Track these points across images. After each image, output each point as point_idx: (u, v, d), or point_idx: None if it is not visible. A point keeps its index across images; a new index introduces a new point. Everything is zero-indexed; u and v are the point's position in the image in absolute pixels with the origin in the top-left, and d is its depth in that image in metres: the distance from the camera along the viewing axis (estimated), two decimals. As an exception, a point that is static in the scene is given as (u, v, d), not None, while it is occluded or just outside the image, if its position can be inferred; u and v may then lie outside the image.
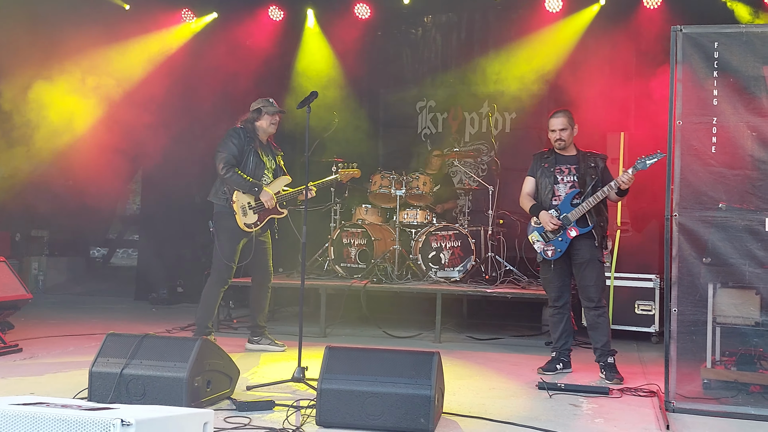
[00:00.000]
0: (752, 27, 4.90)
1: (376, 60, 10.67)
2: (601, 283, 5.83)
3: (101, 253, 13.82)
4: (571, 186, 5.80)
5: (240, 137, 6.37)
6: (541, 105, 9.92)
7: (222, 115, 9.63)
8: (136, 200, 14.03)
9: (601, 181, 5.75)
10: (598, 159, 5.89)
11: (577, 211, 5.67)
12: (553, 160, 5.91)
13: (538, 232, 5.85)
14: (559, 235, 5.75)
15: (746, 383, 4.86)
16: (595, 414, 4.71)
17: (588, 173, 5.78)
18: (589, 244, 5.74)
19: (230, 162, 6.28)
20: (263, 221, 6.46)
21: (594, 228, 5.70)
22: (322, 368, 4.22)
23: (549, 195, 5.85)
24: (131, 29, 9.13)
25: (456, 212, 9.18)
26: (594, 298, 5.75)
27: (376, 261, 8.04)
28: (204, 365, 4.46)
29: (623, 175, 5.52)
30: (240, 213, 6.33)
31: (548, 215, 5.74)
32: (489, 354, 6.83)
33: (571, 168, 5.84)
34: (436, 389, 4.11)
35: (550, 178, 5.86)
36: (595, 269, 5.76)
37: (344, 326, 7.86)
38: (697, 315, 4.83)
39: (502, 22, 9.99)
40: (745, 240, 4.68)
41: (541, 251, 5.85)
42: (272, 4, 9.79)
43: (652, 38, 8.32)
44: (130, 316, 8.70)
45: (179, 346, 4.48)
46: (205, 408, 4.28)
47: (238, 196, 6.34)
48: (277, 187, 6.55)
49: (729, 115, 4.76)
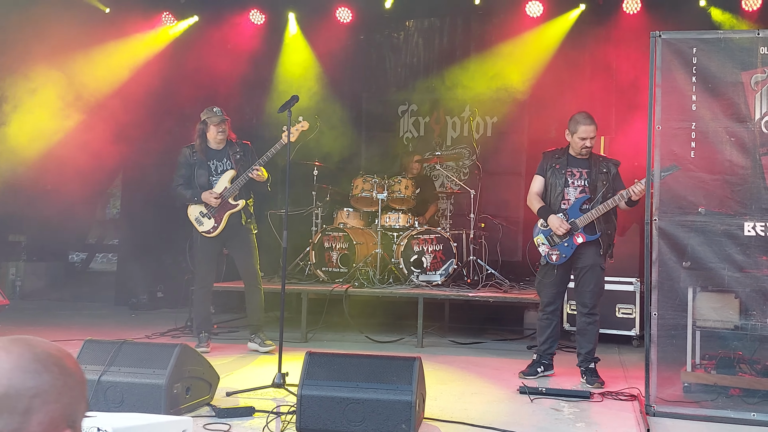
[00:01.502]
0: (730, 33, 4.94)
1: (358, 64, 10.66)
2: (599, 290, 5.75)
3: (80, 257, 13.68)
4: (581, 191, 5.70)
5: (185, 155, 6.74)
6: (522, 109, 9.96)
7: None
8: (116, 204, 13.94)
9: (612, 187, 5.65)
10: (611, 164, 5.79)
11: (585, 218, 5.60)
12: (564, 161, 5.78)
13: (544, 235, 5.77)
14: (566, 240, 5.67)
15: (726, 386, 4.89)
16: (577, 418, 4.71)
17: (599, 179, 5.68)
18: (594, 250, 5.67)
19: (177, 182, 6.74)
20: (221, 222, 6.63)
21: (601, 236, 5.63)
22: (302, 374, 4.20)
23: (558, 198, 5.73)
24: (111, 32, 9.06)
25: (438, 216, 9.19)
26: (588, 304, 5.72)
27: (357, 265, 8.02)
28: (183, 372, 4.42)
29: (636, 186, 5.40)
30: (196, 224, 6.71)
31: (558, 220, 5.63)
32: (471, 358, 6.83)
33: (582, 172, 5.73)
34: (417, 395, 4.10)
35: (560, 180, 5.74)
36: (595, 276, 5.69)
37: (326, 331, 7.83)
38: (677, 319, 4.85)
39: (484, 26, 10.01)
40: (724, 244, 4.71)
41: (546, 255, 5.76)
42: (253, 7, 9.75)
43: (632, 43, 8.37)
44: (109, 321, 8.62)
45: (158, 353, 4.44)
46: (184, 415, 4.24)
47: (190, 209, 6.73)
48: (222, 185, 6.64)
49: (708, 121, 4.80)
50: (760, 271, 4.68)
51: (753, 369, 4.88)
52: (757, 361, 4.86)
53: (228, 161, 6.71)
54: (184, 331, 7.72)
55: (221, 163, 6.71)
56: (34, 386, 1.30)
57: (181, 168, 6.73)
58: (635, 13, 8.85)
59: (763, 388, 4.77)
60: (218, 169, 6.70)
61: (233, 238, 6.73)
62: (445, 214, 8.98)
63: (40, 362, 1.33)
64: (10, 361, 1.31)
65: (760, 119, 4.74)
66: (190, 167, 6.69)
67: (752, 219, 4.69)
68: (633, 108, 7.68)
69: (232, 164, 6.69)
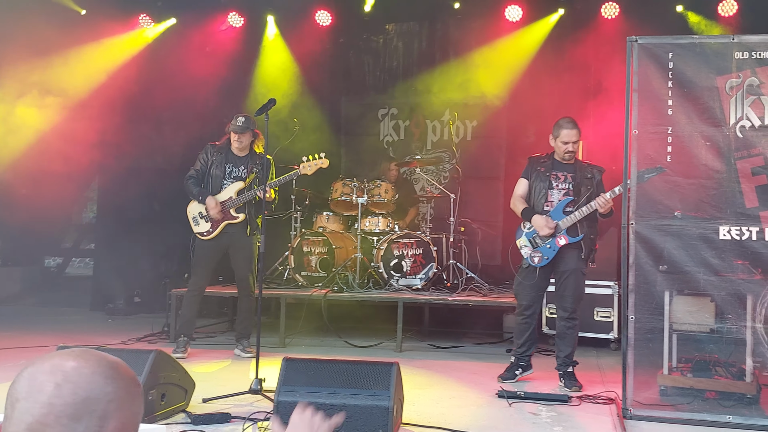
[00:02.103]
0: (706, 38, 5.00)
1: (337, 67, 10.64)
2: (580, 294, 5.78)
3: (56, 262, 13.52)
4: (565, 193, 5.74)
5: (206, 152, 6.79)
6: (502, 113, 9.97)
7: (181, 122, 9.53)
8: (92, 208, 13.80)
9: (596, 193, 5.68)
10: (595, 171, 5.83)
11: (568, 220, 5.62)
12: (549, 165, 5.82)
13: (527, 237, 5.78)
14: (548, 242, 5.69)
15: (702, 389, 4.92)
16: (554, 422, 4.72)
17: (584, 183, 5.72)
18: (575, 254, 5.70)
19: (191, 175, 6.78)
20: (217, 228, 6.67)
21: (584, 239, 5.65)
22: (279, 380, 4.17)
23: (542, 200, 5.77)
24: (87, 34, 8.97)
25: (418, 220, 9.18)
26: (569, 308, 5.74)
27: (337, 269, 7.99)
28: (158, 378, 4.38)
29: (599, 198, 5.48)
30: (192, 223, 6.76)
31: (543, 219, 5.65)
32: (450, 362, 6.82)
33: (567, 176, 5.77)
34: (395, 400, 4.08)
35: (545, 183, 5.77)
36: (576, 280, 5.71)
37: (304, 336, 7.78)
38: (653, 322, 4.88)
39: (463, 30, 10.02)
40: (699, 248, 4.75)
41: (528, 257, 5.77)
42: (232, 10, 9.70)
43: (610, 48, 8.40)
44: (85, 327, 8.51)
45: (132, 359, 4.36)
46: (159, 422, 4.20)
47: (191, 206, 6.79)
48: (228, 194, 6.68)
49: (683, 125, 4.83)
50: (735, 274, 4.71)
51: (728, 372, 4.91)
52: (733, 364, 4.89)
53: (245, 170, 6.74)
54: (161, 336, 7.65)
55: (237, 169, 6.75)
56: (111, 391, 1.37)
57: (198, 162, 6.80)
58: (613, 17, 8.90)
59: (739, 390, 4.80)
60: (233, 173, 6.74)
61: (235, 246, 6.75)
62: (425, 218, 8.97)
63: (114, 370, 1.41)
64: (89, 368, 1.38)
65: (735, 124, 4.78)
66: (205, 164, 6.74)
67: (727, 223, 4.72)
68: (611, 112, 7.71)
69: (246, 174, 6.72)
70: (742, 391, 4.80)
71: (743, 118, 4.76)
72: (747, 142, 4.75)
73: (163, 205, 10.03)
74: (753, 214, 4.70)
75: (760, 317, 4.73)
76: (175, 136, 9.38)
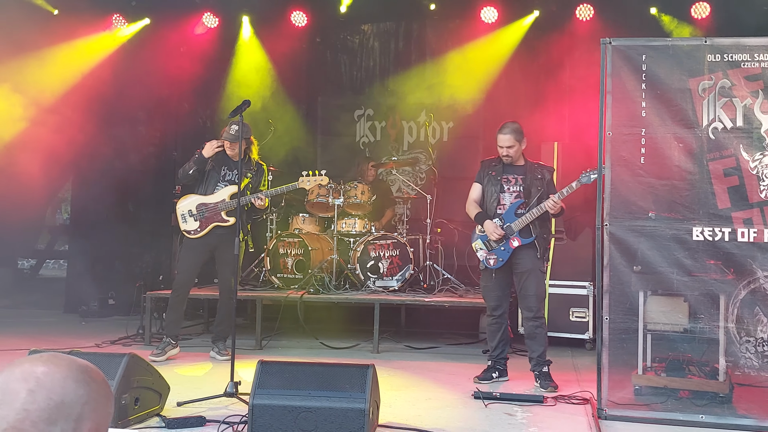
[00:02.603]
0: (678, 41, 5.05)
1: (313, 67, 10.61)
2: (542, 293, 5.89)
3: (29, 264, 13.39)
4: (516, 196, 5.84)
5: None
6: (477, 114, 9.99)
7: (155, 122, 9.47)
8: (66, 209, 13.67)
9: (546, 193, 5.79)
10: (545, 171, 5.94)
11: (520, 222, 5.71)
12: (500, 169, 5.92)
13: (482, 240, 5.87)
14: (502, 244, 5.78)
15: (675, 389, 4.97)
16: (530, 423, 4.74)
17: (534, 184, 5.82)
18: (531, 254, 5.78)
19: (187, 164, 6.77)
20: (205, 229, 6.63)
21: (536, 239, 5.74)
22: (254, 383, 4.15)
23: (494, 203, 5.87)
24: (60, 34, 8.85)
25: (395, 221, 9.17)
26: (533, 308, 5.79)
27: (313, 271, 7.96)
28: (131, 382, 4.34)
29: (548, 201, 5.62)
30: (180, 220, 6.71)
31: (493, 225, 5.77)
32: (427, 363, 6.83)
33: (518, 178, 5.88)
34: (370, 402, 4.07)
35: (496, 187, 5.88)
36: (535, 279, 5.79)
37: (281, 338, 7.75)
38: (628, 322, 4.92)
39: (439, 31, 10.05)
40: (673, 249, 4.80)
41: (484, 259, 5.88)
42: (207, 10, 9.63)
43: (584, 49, 8.46)
44: (58, 329, 8.42)
45: (106, 363, 4.33)
46: (133, 426, 4.17)
47: (180, 204, 6.74)
48: (220, 197, 6.65)
49: (657, 127, 4.87)
50: (708, 275, 4.77)
51: (702, 371, 4.96)
52: (706, 363, 4.95)
53: (238, 175, 6.57)
54: (136, 339, 7.58)
55: (231, 173, 6.74)
56: (84, 394, 1.40)
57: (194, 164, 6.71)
58: (588, 19, 8.96)
59: (712, 390, 4.86)
60: (226, 177, 6.73)
61: (223, 248, 6.60)
62: (401, 219, 8.96)
63: (85, 373, 1.43)
64: (61, 372, 1.40)
65: (708, 125, 4.83)
66: (205, 162, 6.69)
67: (700, 224, 4.77)
68: (585, 113, 7.76)
69: (239, 179, 6.54)
70: (715, 390, 4.85)
71: (715, 119, 4.81)
72: (719, 143, 4.81)
73: (137, 206, 9.95)
74: (725, 215, 4.76)
75: (733, 317, 4.79)
76: (149, 137, 9.31)
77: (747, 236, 4.72)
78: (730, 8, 8.45)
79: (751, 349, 4.82)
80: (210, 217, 6.63)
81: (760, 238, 4.71)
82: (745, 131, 4.78)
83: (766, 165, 4.74)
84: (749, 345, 4.83)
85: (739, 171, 4.78)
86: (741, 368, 4.84)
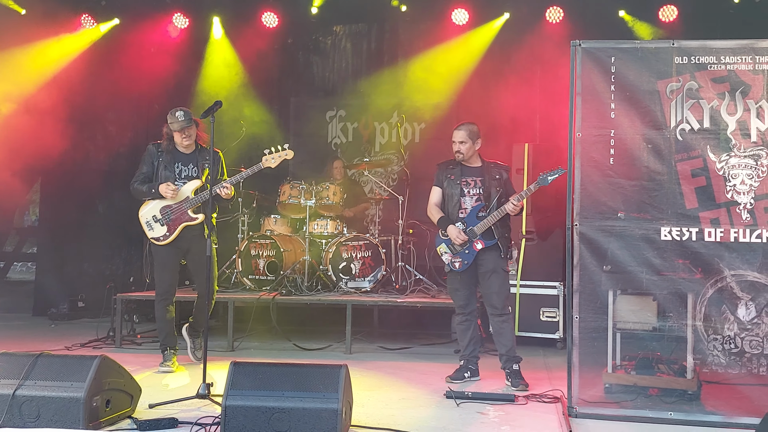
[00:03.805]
0: (647, 43, 5.12)
1: (285, 68, 10.59)
2: (505, 291, 5.95)
3: (-4, 266, 13.19)
4: (477, 199, 5.90)
5: (150, 153, 6.34)
6: (449, 116, 10.00)
7: (126, 123, 9.39)
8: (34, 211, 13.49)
9: (505, 192, 5.88)
10: (502, 170, 6.03)
11: (482, 225, 5.78)
12: (458, 172, 5.98)
13: (446, 244, 5.93)
14: (466, 247, 5.85)
15: (645, 386, 5.04)
16: (502, 422, 4.77)
17: (492, 185, 5.90)
18: (494, 255, 5.86)
19: (137, 178, 6.30)
20: (174, 231, 6.22)
21: (499, 240, 5.82)
22: (226, 384, 4.14)
23: (456, 207, 5.93)
24: (28, 35, 8.74)
25: (366, 222, 9.18)
26: (497, 305, 5.86)
27: (285, 273, 7.94)
28: (103, 384, 4.30)
29: (508, 204, 5.69)
30: (145, 228, 6.29)
31: (456, 230, 5.82)
32: (399, 363, 6.84)
33: (476, 180, 5.94)
34: (343, 402, 4.08)
35: (456, 190, 5.93)
36: (498, 278, 5.87)
37: (253, 339, 7.71)
38: (598, 321, 4.98)
39: (411, 33, 10.07)
40: (642, 248, 4.86)
41: (449, 262, 5.94)
42: (177, 11, 9.56)
43: (554, 51, 8.53)
44: (27, 332, 8.31)
45: (76, 365, 4.31)
46: (104, 428, 4.13)
47: (142, 211, 6.29)
48: (185, 193, 6.23)
49: (626, 128, 4.94)
50: (677, 274, 4.84)
51: (671, 369, 5.03)
52: (675, 361, 5.02)
53: (194, 168, 6.32)
54: (106, 341, 7.51)
55: (186, 168, 6.31)
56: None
57: (144, 165, 6.32)
58: (558, 22, 9.04)
59: (680, 387, 4.93)
60: (182, 173, 6.30)
61: (193, 250, 6.27)
62: (373, 220, 8.98)
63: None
64: None
65: (676, 126, 4.90)
66: (152, 166, 6.28)
67: (668, 224, 4.84)
68: (555, 115, 7.83)
69: (199, 172, 6.30)
70: (684, 387, 4.93)
71: (683, 121, 4.89)
72: (687, 144, 4.88)
73: (107, 207, 9.85)
74: (693, 215, 4.84)
75: (700, 315, 4.88)
76: (119, 138, 9.23)
77: (714, 236, 4.80)
78: (696, 11, 8.59)
79: (718, 347, 4.91)
80: (177, 219, 6.20)
81: (726, 237, 4.79)
82: (712, 132, 4.86)
83: (733, 166, 4.83)
84: (716, 343, 4.92)
85: (707, 171, 4.86)
86: (709, 366, 4.94)
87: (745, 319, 4.89)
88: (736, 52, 4.85)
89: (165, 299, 6.37)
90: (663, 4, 8.71)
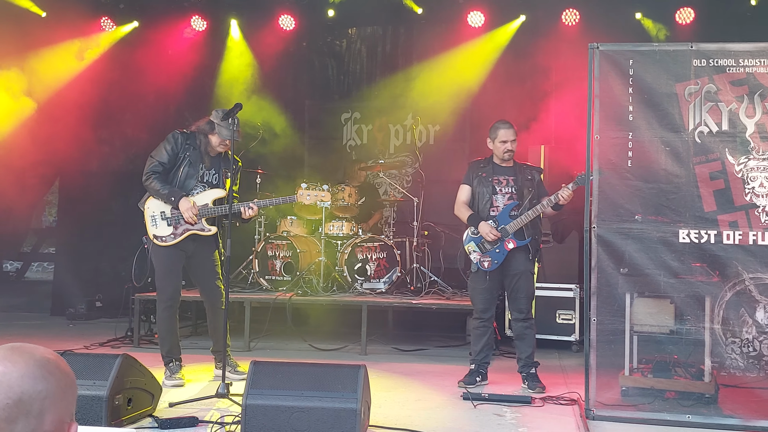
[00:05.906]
0: (665, 45, 5.11)
1: (301, 71, 10.65)
2: (532, 295, 5.91)
3: (15, 267, 13.31)
4: (509, 197, 5.83)
5: (176, 143, 5.68)
6: (464, 118, 10.07)
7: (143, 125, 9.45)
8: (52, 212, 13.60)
9: (537, 194, 5.81)
10: (534, 172, 5.97)
11: (515, 224, 5.71)
12: (490, 170, 5.90)
13: (475, 242, 5.85)
14: (497, 246, 5.76)
15: (662, 389, 5.03)
16: (519, 423, 4.78)
17: (525, 185, 5.83)
18: (524, 256, 5.79)
19: (155, 169, 5.63)
20: (179, 237, 5.67)
21: (531, 241, 5.76)
22: (247, 383, 4.17)
23: (487, 205, 5.84)
24: (48, 37, 8.83)
25: (381, 224, 9.21)
26: (524, 309, 5.82)
27: (301, 273, 7.99)
28: (125, 383, 4.35)
29: (563, 191, 5.57)
30: (149, 222, 5.70)
31: (488, 226, 5.73)
32: (414, 365, 6.86)
33: (509, 179, 5.87)
34: (362, 402, 4.11)
35: (488, 188, 5.85)
36: (527, 281, 5.82)
37: (269, 340, 7.76)
38: (615, 324, 4.98)
39: (426, 35, 10.10)
40: (659, 251, 4.86)
41: (477, 262, 5.83)
42: (195, 13, 9.63)
43: (570, 54, 8.53)
44: (46, 332, 8.39)
45: (99, 364, 4.36)
46: (126, 427, 4.18)
47: (151, 203, 5.71)
48: (203, 200, 5.72)
49: (644, 130, 4.94)
50: (694, 277, 4.84)
51: (688, 372, 5.03)
52: (692, 365, 5.01)
53: (216, 175, 5.81)
54: (125, 341, 7.57)
55: (209, 173, 5.78)
56: (43, 389, 1.45)
57: (164, 153, 5.63)
58: (574, 24, 9.04)
59: (698, 390, 4.92)
60: (205, 177, 5.76)
61: (199, 256, 5.81)
62: (388, 222, 9.01)
63: (44, 367, 1.48)
64: (18, 370, 1.45)
65: (694, 129, 4.90)
66: (174, 158, 5.65)
67: (686, 226, 4.84)
68: (572, 117, 7.83)
69: (220, 181, 5.81)
70: (701, 390, 4.92)
71: (701, 124, 4.89)
72: (705, 147, 4.88)
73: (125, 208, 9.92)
74: (711, 217, 4.83)
75: (718, 318, 4.87)
76: (137, 139, 9.30)
77: (732, 239, 4.80)
78: (713, 14, 8.56)
79: (736, 350, 4.90)
80: (188, 224, 5.67)
81: (745, 240, 4.79)
82: (731, 135, 4.86)
83: (751, 168, 4.83)
84: (734, 346, 4.91)
85: (725, 174, 4.85)
86: (726, 369, 4.92)
87: (763, 323, 4.88)
88: (755, 54, 4.84)
89: (170, 306, 5.79)
90: (680, 6, 8.68)
